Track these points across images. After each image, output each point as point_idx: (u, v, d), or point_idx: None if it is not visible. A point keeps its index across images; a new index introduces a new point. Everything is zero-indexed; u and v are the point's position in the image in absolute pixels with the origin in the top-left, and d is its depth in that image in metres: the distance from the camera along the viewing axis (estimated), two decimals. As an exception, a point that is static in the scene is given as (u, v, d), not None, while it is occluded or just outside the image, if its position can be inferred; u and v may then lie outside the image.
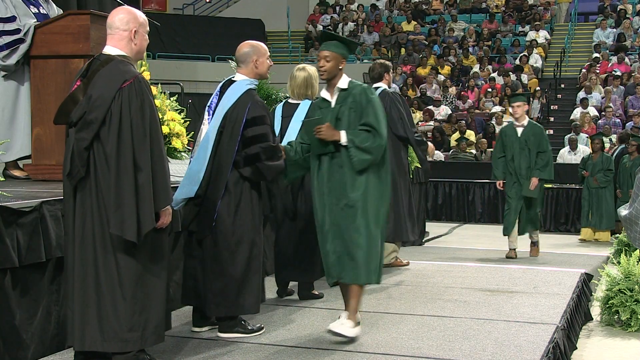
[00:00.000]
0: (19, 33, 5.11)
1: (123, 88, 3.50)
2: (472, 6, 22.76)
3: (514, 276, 6.58)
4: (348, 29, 22.51)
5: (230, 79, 4.56)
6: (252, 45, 4.54)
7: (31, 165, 5.29)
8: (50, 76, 5.13)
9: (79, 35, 5.02)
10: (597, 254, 9.12)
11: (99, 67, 3.60)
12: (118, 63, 3.59)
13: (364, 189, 4.36)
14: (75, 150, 3.53)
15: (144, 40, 3.75)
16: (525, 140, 8.23)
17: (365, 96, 4.48)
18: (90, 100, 3.52)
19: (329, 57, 4.52)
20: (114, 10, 3.78)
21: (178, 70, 16.93)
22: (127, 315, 3.53)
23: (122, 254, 3.54)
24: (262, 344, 4.28)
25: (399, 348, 4.28)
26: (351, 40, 4.99)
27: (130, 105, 3.50)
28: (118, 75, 3.54)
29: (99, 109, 3.50)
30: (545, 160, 8.21)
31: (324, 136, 4.40)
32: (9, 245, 3.66)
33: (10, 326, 3.72)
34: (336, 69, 4.54)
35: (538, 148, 8.22)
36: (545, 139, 8.29)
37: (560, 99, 18.27)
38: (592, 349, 5.27)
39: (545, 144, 8.25)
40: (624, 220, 3.09)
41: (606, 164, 11.32)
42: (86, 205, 3.55)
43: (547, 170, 8.23)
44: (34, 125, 5.19)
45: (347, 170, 4.38)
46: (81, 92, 3.58)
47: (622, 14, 20.52)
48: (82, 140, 3.52)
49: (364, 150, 4.36)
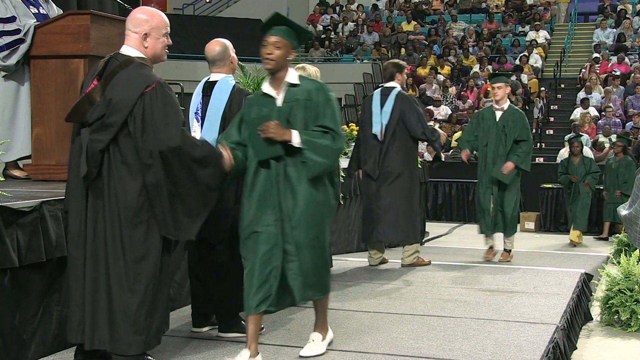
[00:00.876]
0: (18, 33, 5.11)
1: (145, 93, 3.48)
2: (472, 6, 22.77)
3: (514, 276, 6.58)
4: (348, 29, 22.54)
5: (209, 80, 4.52)
6: (223, 44, 4.53)
7: (31, 165, 5.29)
8: (50, 76, 5.12)
9: (79, 35, 5.01)
10: (597, 254, 9.12)
11: (117, 68, 3.55)
12: (138, 66, 3.56)
13: (306, 202, 3.79)
14: (89, 151, 3.50)
15: (158, 43, 3.69)
16: (503, 126, 7.49)
17: (324, 94, 3.87)
18: (110, 103, 3.49)
19: (279, 43, 3.84)
20: (135, 9, 3.74)
21: (178, 70, 16.91)
22: (135, 318, 3.53)
23: (133, 257, 3.53)
24: (262, 344, 4.27)
25: (399, 348, 4.28)
26: (305, 29, 4.18)
27: (152, 109, 3.47)
28: (139, 79, 3.50)
29: (120, 113, 3.48)
30: (526, 150, 7.47)
31: (272, 135, 3.73)
32: (9, 245, 3.65)
33: (10, 326, 3.72)
34: (284, 59, 3.85)
35: (518, 136, 7.46)
36: (526, 127, 7.54)
37: (560, 99, 18.27)
38: (592, 349, 5.26)
39: (526, 132, 7.51)
40: (624, 220, 3.09)
41: (589, 167, 10.85)
42: (98, 207, 3.55)
43: (526, 162, 7.51)
44: (34, 125, 5.19)
45: (295, 178, 3.79)
46: (98, 92, 3.53)
47: (622, 14, 20.53)
48: (98, 142, 3.50)
49: (321, 153, 3.77)
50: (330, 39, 22.19)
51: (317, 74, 5.41)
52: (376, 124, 6.80)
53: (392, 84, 6.91)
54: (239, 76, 7.62)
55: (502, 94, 7.60)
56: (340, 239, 7.81)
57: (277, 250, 3.80)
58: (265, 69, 3.91)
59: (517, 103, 17.47)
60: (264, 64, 3.86)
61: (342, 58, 21.55)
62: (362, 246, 8.10)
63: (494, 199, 7.51)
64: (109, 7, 8.97)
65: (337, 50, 21.81)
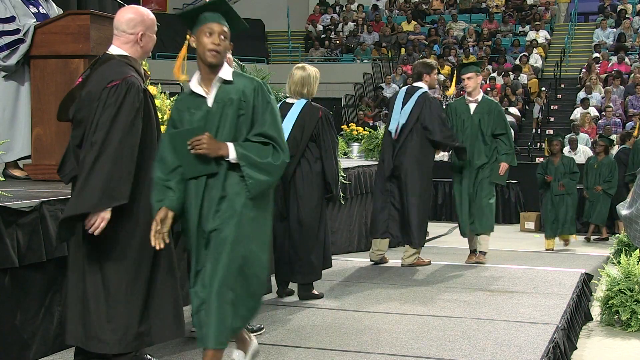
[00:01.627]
0: (18, 33, 5.11)
1: (106, 88, 3.44)
2: (472, 6, 22.77)
3: (514, 276, 6.57)
4: (348, 29, 22.54)
5: None
6: None
7: (31, 165, 5.29)
8: (50, 76, 5.13)
9: (79, 35, 5.01)
10: (597, 254, 9.11)
11: (98, 66, 3.60)
12: (115, 63, 3.56)
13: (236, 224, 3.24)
14: (70, 147, 3.57)
15: (150, 41, 3.71)
16: (478, 120, 7.07)
17: (262, 95, 3.32)
18: (81, 98, 3.55)
19: (227, 34, 3.32)
20: (121, 10, 3.71)
21: (178, 70, 16.95)
22: (136, 318, 3.51)
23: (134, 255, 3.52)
24: (262, 344, 4.27)
25: (399, 348, 4.28)
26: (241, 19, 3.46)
27: (104, 107, 3.41)
28: (109, 74, 3.50)
29: (87, 107, 3.50)
30: (510, 144, 7.10)
31: (205, 151, 3.21)
32: (9, 245, 3.65)
33: (11, 326, 3.72)
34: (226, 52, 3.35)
35: (496, 130, 7.07)
36: (503, 118, 7.14)
37: (560, 99, 18.27)
38: (592, 349, 5.26)
39: (503, 124, 7.09)
40: (624, 219, 3.09)
41: (569, 167, 10.20)
42: None
43: (512, 156, 7.14)
44: (34, 125, 5.19)
45: (232, 198, 3.25)
46: (79, 89, 3.59)
47: (622, 14, 20.53)
48: (74, 137, 3.56)
49: (262, 169, 3.24)
50: (330, 39, 22.19)
51: (316, 74, 5.43)
52: (394, 122, 6.83)
53: (419, 84, 6.91)
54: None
55: (474, 84, 7.15)
56: (341, 239, 7.81)
57: None
58: (208, 63, 3.28)
59: (517, 103, 17.49)
60: (208, 56, 3.26)
61: (342, 58, 21.56)
62: (362, 246, 8.11)
63: (470, 195, 7.18)
64: (109, 7, 8.96)
65: (337, 50, 21.81)
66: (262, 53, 21.61)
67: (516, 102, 17.50)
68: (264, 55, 21.54)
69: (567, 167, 10.19)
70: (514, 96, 17.60)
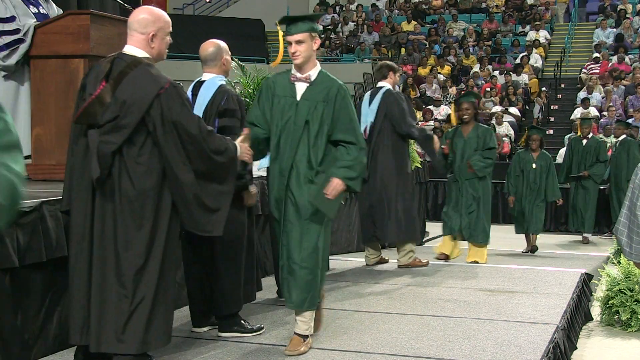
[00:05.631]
0: (18, 33, 5.11)
1: (161, 94, 3.46)
2: (472, 6, 22.77)
3: (514, 276, 6.58)
4: (348, 29, 22.54)
5: (200, 80, 4.54)
6: (217, 45, 4.54)
7: (31, 165, 5.28)
8: (50, 76, 5.12)
9: (79, 35, 5.01)
10: (597, 254, 9.12)
11: (126, 69, 3.53)
12: (147, 67, 3.54)
13: None
14: (100, 153, 3.46)
15: (163, 43, 3.69)
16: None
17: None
18: (124, 105, 3.46)
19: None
20: (137, 9, 3.72)
21: (178, 70, 16.90)
22: (145, 318, 3.51)
23: (143, 257, 3.51)
24: (262, 344, 4.28)
25: (399, 348, 4.27)
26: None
27: (171, 109, 3.47)
28: (152, 80, 3.49)
29: (134, 114, 3.45)
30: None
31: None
32: (9, 245, 3.65)
33: (11, 326, 3.71)
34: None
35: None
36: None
37: (561, 99, 18.28)
38: (592, 349, 5.27)
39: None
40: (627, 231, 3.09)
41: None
42: (106, 207, 3.51)
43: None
44: (34, 125, 5.19)
45: None
46: (108, 94, 3.49)
47: (622, 14, 20.54)
48: (110, 143, 3.47)
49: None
50: (330, 39, 22.19)
51: None
52: (362, 124, 6.77)
53: (382, 83, 6.92)
54: (238, 76, 7.64)
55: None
56: (341, 239, 7.81)
57: None
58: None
59: (518, 103, 17.49)
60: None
61: (342, 58, 21.56)
62: (362, 246, 8.10)
63: None
64: (110, 7, 8.95)
65: (337, 50, 21.81)
66: (262, 53, 21.59)
67: (516, 102, 17.50)
68: (263, 55, 21.53)
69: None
70: (514, 96, 17.60)
